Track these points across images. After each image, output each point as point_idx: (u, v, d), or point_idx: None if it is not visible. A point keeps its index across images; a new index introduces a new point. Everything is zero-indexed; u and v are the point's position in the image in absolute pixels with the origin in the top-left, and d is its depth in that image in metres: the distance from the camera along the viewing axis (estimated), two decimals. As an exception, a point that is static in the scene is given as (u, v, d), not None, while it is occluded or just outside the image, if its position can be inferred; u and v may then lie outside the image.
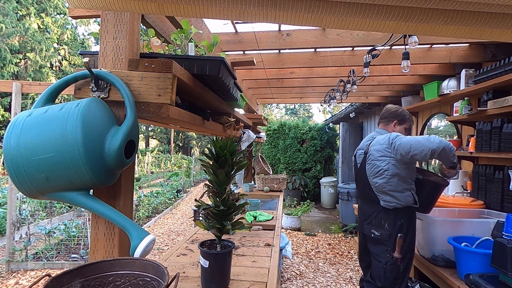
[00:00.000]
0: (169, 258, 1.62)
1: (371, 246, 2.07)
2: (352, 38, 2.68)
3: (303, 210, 5.71)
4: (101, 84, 0.97)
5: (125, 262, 0.83)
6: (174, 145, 26.41)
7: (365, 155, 2.08)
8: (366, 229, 2.08)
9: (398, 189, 1.92)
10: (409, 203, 1.94)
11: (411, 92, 4.50)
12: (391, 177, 1.92)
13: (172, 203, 7.77)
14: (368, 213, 2.08)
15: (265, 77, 3.73)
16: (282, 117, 25.67)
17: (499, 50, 2.88)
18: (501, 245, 1.53)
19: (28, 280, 3.32)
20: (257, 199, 2.87)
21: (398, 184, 1.91)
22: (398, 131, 2.10)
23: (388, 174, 1.92)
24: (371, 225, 2.04)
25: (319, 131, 8.11)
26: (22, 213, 3.84)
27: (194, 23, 1.92)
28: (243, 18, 0.88)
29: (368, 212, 2.08)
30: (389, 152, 1.93)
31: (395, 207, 1.93)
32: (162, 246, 4.77)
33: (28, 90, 3.76)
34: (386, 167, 1.93)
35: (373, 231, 2.01)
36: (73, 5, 0.85)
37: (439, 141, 1.79)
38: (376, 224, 2.00)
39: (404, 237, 1.92)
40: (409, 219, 1.96)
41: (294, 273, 3.64)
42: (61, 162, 0.80)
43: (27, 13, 14.26)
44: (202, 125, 1.38)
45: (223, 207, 1.17)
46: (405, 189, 1.93)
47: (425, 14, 0.82)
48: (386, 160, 1.94)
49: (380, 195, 1.98)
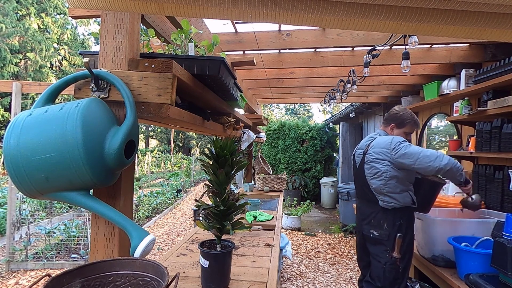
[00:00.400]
0: (169, 258, 1.62)
1: (370, 246, 2.07)
2: (352, 38, 2.68)
3: (303, 210, 5.71)
4: (101, 84, 0.97)
5: (125, 262, 0.83)
6: (174, 145, 26.41)
7: (364, 155, 2.07)
8: (365, 229, 2.07)
9: (396, 191, 1.92)
10: (407, 203, 1.94)
11: (411, 92, 4.50)
12: (389, 179, 1.91)
13: (172, 203, 7.77)
14: (367, 213, 2.07)
15: (265, 77, 3.73)
16: (282, 117, 25.67)
17: (499, 50, 2.88)
18: (501, 245, 1.53)
19: (28, 280, 3.32)
20: (257, 199, 2.87)
21: (396, 186, 1.91)
22: (396, 135, 2.06)
23: (387, 176, 1.92)
24: (370, 225, 2.03)
25: (319, 131, 8.11)
26: (22, 213, 3.84)
27: (194, 23, 1.92)
28: (243, 18, 0.88)
29: (367, 212, 2.07)
30: (388, 156, 1.92)
31: (393, 207, 1.93)
32: (162, 246, 4.77)
33: (28, 90, 3.76)
34: (385, 169, 1.93)
35: (372, 231, 2.00)
36: (73, 5, 0.85)
37: (447, 161, 1.78)
38: (375, 224, 2.00)
39: (403, 237, 1.92)
40: (408, 219, 1.96)
41: (294, 273, 3.64)
42: (61, 162, 0.80)
43: (27, 13, 14.26)
44: (202, 125, 1.38)
45: (223, 207, 1.17)
46: (403, 190, 1.92)
47: (425, 14, 0.82)
48: (385, 163, 1.93)
49: (379, 195, 1.98)
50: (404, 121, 2.09)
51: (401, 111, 2.12)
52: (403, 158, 1.85)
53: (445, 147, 4.49)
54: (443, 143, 4.66)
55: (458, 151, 3.08)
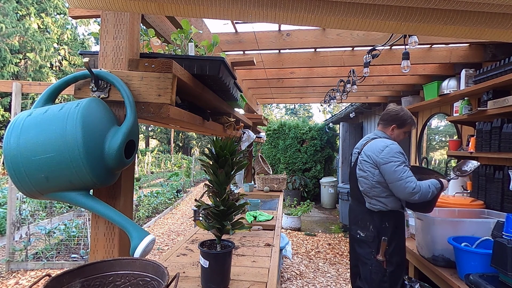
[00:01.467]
0: (169, 258, 1.62)
1: (357, 247, 2.07)
2: (352, 38, 2.68)
3: (303, 210, 5.71)
4: (101, 84, 0.97)
5: (125, 262, 0.83)
6: (174, 145, 26.41)
7: (358, 155, 2.08)
8: (353, 230, 2.09)
9: (381, 195, 1.94)
10: (395, 208, 1.95)
11: (411, 92, 4.50)
12: (376, 183, 1.94)
13: (172, 203, 7.77)
14: (356, 213, 2.09)
15: (265, 77, 3.73)
16: (282, 117, 25.66)
17: (499, 50, 2.88)
18: (501, 245, 1.53)
19: (28, 280, 3.32)
20: (257, 199, 2.87)
21: (382, 190, 1.94)
22: (396, 135, 2.08)
23: (373, 180, 1.94)
24: (357, 225, 2.05)
25: (319, 131, 8.11)
26: (22, 213, 3.84)
27: (194, 23, 1.92)
28: (243, 18, 0.88)
29: (356, 213, 2.09)
30: (376, 160, 1.94)
31: (380, 210, 1.94)
32: (162, 246, 4.77)
33: (28, 90, 3.76)
34: (372, 173, 1.95)
35: (359, 232, 2.02)
36: (73, 5, 0.85)
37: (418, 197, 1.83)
38: (362, 225, 2.01)
39: (389, 241, 1.91)
40: (395, 223, 1.95)
41: (294, 273, 3.64)
42: (61, 162, 0.80)
43: (27, 13, 14.26)
44: (202, 125, 1.38)
45: (223, 207, 1.17)
46: (389, 195, 1.94)
47: (425, 14, 0.82)
48: (373, 166, 1.95)
49: (366, 197, 2.00)
50: (405, 122, 2.09)
51: (400, 111, 2.10)
52: (384, 171, 1.89)
53: (445, 147, 4.49)
54: (443, 143, 4.66)
55: (458, 151, 3.08)
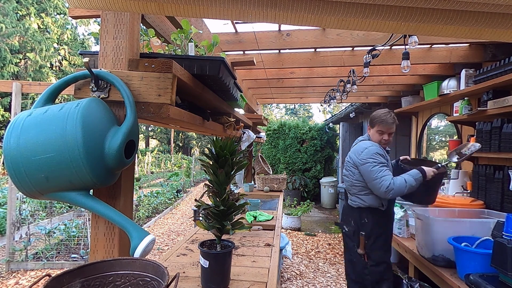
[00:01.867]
0: (169, 258, 1.62)
1: (344, 240, 2.25)
2: (352, 38, 2.68)
3: (303, 210, 5.71)
4: (101, 84, 0.97)
5: (125, 262, 0.83)
6: (174, 145, 26.41)
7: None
8: (340, 225, 2.25)
9: (361, 193, 2.08)
10: (374, 205, 2.05)
11: (411, 92, 4.50)
12: (356, 181, 2.10)
13: (172, 203, 7.77)
14: (343, 210, 2.28)
15: (265, 77, 3.73)
16: (282, 117, 25.66)
17: (499, 50, 2.87)
18: (501, 245, 1.53)
19: (28, 280, 3.32)
20: (257, 199, 2.87)
21: (361, 189, 2.07)
22: (372, 135, 2.17)
23: (353, 179, 2.10)
24: (343, 220, 2.23)
25: (319, 131, 8.10)
26: (22, 213, 3.84)
27: (194, 23, 1.92)
28: (243, 18, 0.88)
29: (344, 209, 2.28)
30: (356, 161, 2.08)
31: (359, 206, 2.09)
32: (162, 246, 4.77)
33: (28, 90, 3.76)
34: (353, 172, 2.11)
35: (344, 227, 2.19)
36: (73, 5, 0.85)
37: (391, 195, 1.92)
38: (346, 220, 2.19)
39: (368, 236, 2.04)
40: (374, 219, 2.06)
41: (294, 273, 3.64)
42: (61, 162, 0.80)
43: (27, 13, 14.26)
44: (202, 125, 1.38)
45: (223, 207, 1.17)
46: (369, 193, 2.06)
47: (425, 14, 0.82)
48: (353, 167, 2.11)
49: (349, 194, 2.18)
50: (373, 121, 2.15)
51: (374, 112, 2.18)
52: (362, 171, 2.03)
53: (445, 147, 4.49)
54: (443, 143, 4.66)
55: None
